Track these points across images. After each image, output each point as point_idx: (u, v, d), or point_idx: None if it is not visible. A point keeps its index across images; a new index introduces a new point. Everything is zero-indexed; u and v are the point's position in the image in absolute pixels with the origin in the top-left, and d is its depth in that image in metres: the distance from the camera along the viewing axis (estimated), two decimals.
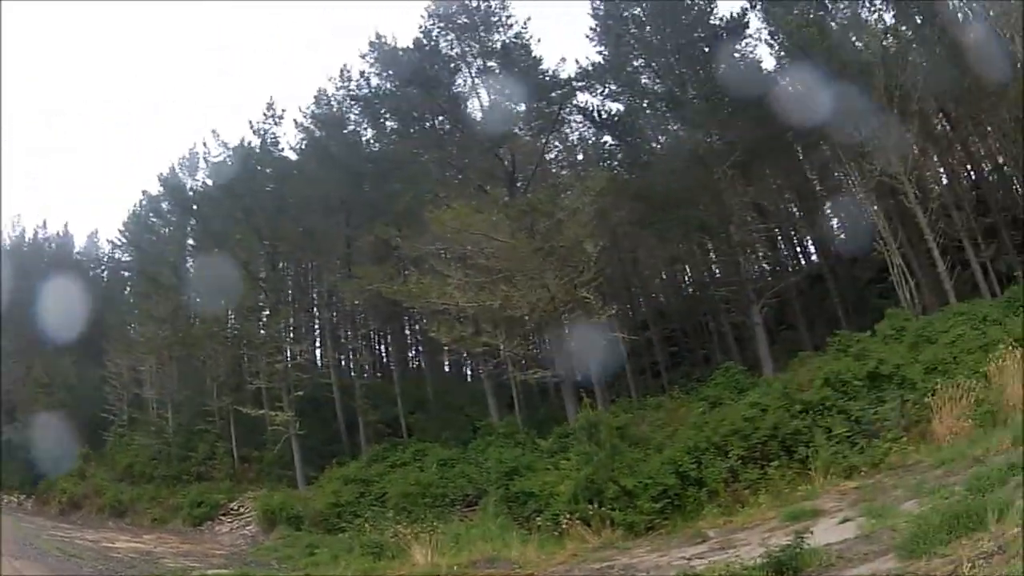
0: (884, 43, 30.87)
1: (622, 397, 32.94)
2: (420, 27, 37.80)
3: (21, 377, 55.75)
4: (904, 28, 31.85)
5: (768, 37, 35.91)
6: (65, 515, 44.72)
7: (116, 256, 64.54)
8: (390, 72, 39.95)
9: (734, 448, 19.49)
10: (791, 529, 12.71)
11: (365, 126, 44.68)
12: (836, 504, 15.08)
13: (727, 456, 19.43)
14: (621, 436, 22.72)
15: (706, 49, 34.93)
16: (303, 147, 46.79)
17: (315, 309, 49.16)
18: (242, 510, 36.89)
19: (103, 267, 68.70)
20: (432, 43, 37.72)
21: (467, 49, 37.25)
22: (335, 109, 45.46)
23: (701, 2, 36.20)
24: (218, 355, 47.45)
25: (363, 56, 40.28)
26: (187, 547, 32.78)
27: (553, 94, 34.35)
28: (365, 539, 25.48)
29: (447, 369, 51.03)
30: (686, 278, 43.20)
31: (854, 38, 31.94)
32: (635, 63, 36.04)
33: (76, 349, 56.21)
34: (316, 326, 50.62)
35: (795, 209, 40.87)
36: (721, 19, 36.00)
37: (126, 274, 60.42)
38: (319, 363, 48.20)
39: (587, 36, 37.32)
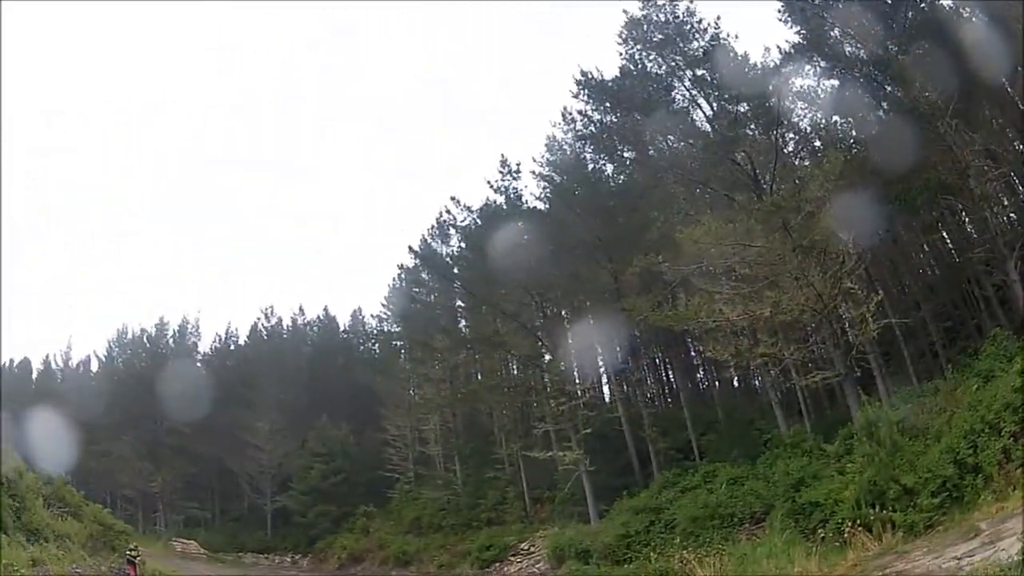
0: None
1: (904, 387, 30.40)
2: (621, 54, 37.41)
3: (295, 449, 60.28)
4: None
5: None
6: (344, 569, 48.97)
7: (384, 329, 67.94)
8: (607, 105, 39.68)
9: (1006, 424, 18.19)
10: None
11: (603, 161, 44.30)
12: None
13: (1000, 434, 18.07)
14: (900, 430, 21.51)
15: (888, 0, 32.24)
16: (547, 195, 46.80)
17: (596, 346, 48.89)
18: (532, 549, 37.67)
19: (373, 341, 73.12)
20: (638, 67, 37.19)
21: (673, 64, 35.93)
22: (568, 152, 45.37)
23: None
24: (502, 405, 48.93)
25: (575, 95, 39.95)
26: None
27: (770, 86, 32.66)
28: (651, 568, 25.67)
29: (736, 385, 49.47)
30: (947, 246, 39.36)
31: None
32: (832, 33, 33.63)
33: (351, 418, 61.04)
34: (600, 363, 50.31)
35: (1021, 146, 36.29)
36: None
37: (398, 344, 62.96)
38: (607, 398, 48.44)
39: (778, 19, 35.24)
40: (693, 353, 48.34)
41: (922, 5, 32.47)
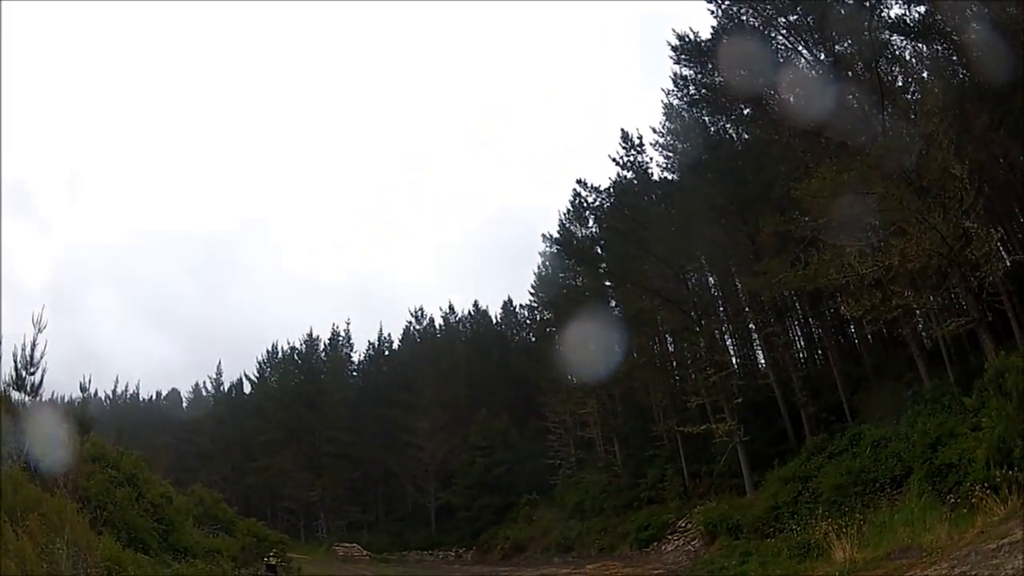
0: None
1: None
2: (712, 12, 36.01)
3: (457, 445, 61.73)
4: None
5: None
6: (507, 559, 49.61)
7: (536, 317, 67.92)
8: (709, 66, 38.01)
9: None
10: None
11: (722, 122, 42.67)
12: None
13: None
14: None
15: None
16: (674, 164, 46.13)
17: (747, 310, 47.64)
18: (689, 527, 37.19)
19: (526, 330, 73.70)
20: (732, 22, 35.67)
21: (768, 12, 34.14)
22: (687, 118, 43.85)
23: None
24: (656, 382, 48.41)
25: (676, 61, 38.58)
26: (627, 571, 33.50)
27: (865, 21, 30.64)
28: (794, 541, 25.15)
29: (884, 335, 47.08)
30: None
31: None
32: None
33: (511, 408, 62.45)
34: (752, 328, 48.99)
35: None
36: None
37: (551, 330, 62.13)
38: (760, 365, 47.75)
39: None
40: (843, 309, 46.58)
41: None
